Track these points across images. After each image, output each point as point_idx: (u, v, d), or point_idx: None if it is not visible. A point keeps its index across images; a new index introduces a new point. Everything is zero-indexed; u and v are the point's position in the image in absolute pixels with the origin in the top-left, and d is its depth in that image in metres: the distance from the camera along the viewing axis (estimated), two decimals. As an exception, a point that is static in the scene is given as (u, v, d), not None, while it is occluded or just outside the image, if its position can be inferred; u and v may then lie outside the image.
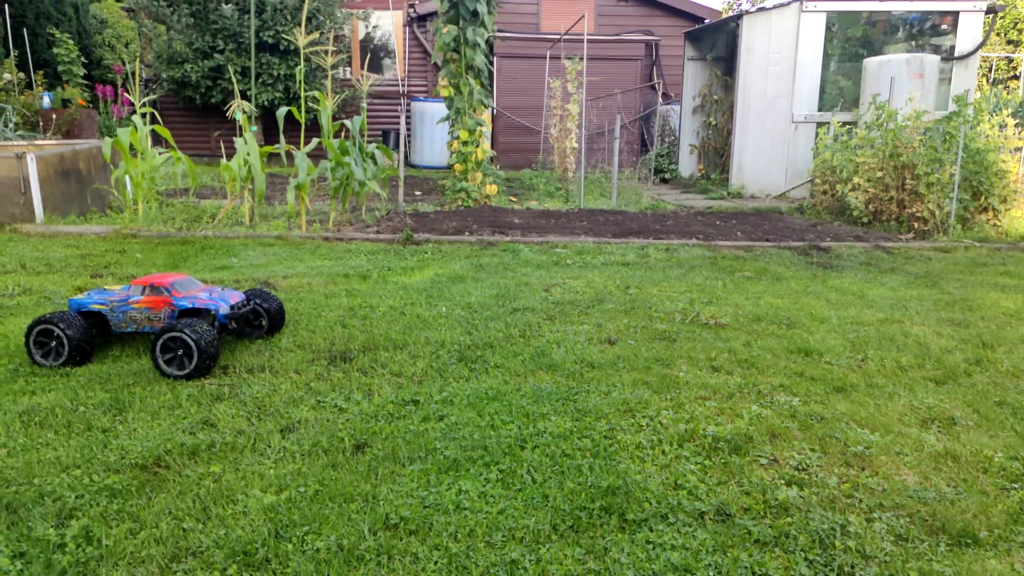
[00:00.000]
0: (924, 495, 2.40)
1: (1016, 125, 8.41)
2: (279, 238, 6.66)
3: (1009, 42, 20.69)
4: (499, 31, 14.47)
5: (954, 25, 10.96)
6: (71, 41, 12.32)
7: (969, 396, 3.27)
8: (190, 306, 3.58)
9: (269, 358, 3.58)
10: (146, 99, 7.66)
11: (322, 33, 12.79)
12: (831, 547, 2.13)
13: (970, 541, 2.17)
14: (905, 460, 2.66)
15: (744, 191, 11.13)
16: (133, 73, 7.65)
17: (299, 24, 8.95)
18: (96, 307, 3.61)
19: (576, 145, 10.84)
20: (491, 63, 14.45)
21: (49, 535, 2.09)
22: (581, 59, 10.38)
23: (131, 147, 6.98)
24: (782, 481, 2.50)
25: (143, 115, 7.21)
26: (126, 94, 11.18)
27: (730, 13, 22.09)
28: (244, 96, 12.41)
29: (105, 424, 2.82)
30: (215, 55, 13.25)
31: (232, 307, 3.68)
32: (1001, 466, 2.63)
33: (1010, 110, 8.99)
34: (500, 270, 5.72)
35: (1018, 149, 8.16)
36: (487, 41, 10.14)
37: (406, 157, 15.37)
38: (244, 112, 7.08)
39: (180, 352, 3.30)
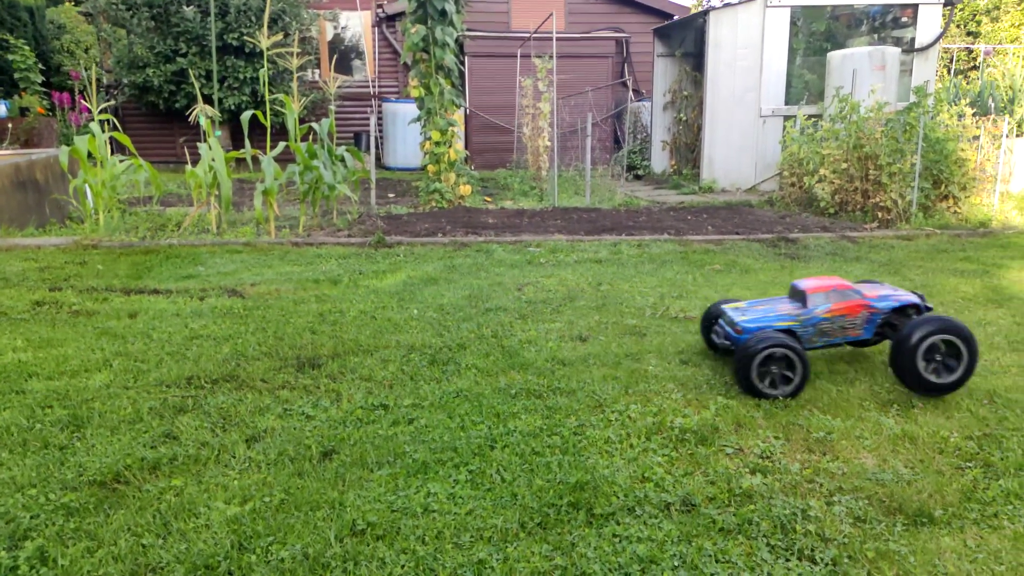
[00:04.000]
0: (882, 477, 2.45)
1: (974, 114, 8.59)
2: (247, 245, 6.59)
3: (969, 33, 21.12)
4: (469, 30, 14.45)
5: (914, 18, 11.17)
6: (27, 47, 12.06)
7: (929, 380, 3.34)
8: (896, 304, 3.22)
9: (235, 367, 3.54)
10: (104, 105, 7.53)
11: (288, 35, 12.67)
12: (792, 532, 2.16)
13: (925, 520, 2.22)
14: (865, 444, 2.71)
15: (715, 185, 11.24)
16: (92, 79, 7.52)
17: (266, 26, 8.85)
18: (785, 324, 3.21)
19: (549, 143, 10.87)
20: (462, 63, 14.43)
21: (1, 558, 2.05)
22: (551, 57, 10.41)
23: (90, 155, 6.85)
24: (746, 469, 2.53)
25: (101, 122, 7.09)
26: (83, 101, 10.97)
27: (698, 9, 22.28)
28: (208, 100, 12.26)
29: (62, 441, 2.77)
30: (178, 59, 13.05)
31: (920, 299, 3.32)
32: (956, 446, 2.69)
33: (968, 100, 9.19)
34: (473, 271, 5.72)
35: (976, 138, 8.34)
36: (457, 40, 10.12)
37: (378, 159, 15.28)
38: (207, 116, 6.99)
39: (940, 357, 2.96)
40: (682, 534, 2.16)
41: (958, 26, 20.67)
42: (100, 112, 7.22)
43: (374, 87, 15.85)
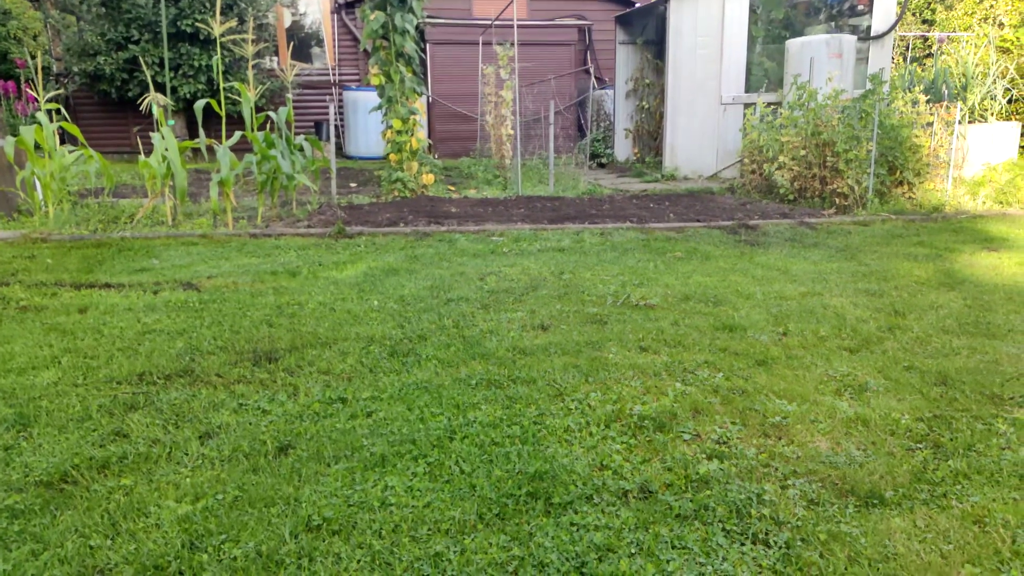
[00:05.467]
0: (835, 460, 2.50)
1: (928, 101, 8.79)
2: (204, 236, 6.43)
3: (924, 21, 21.55)
4: (429, 17, 14.28)
5: (870, 6, 11.35)
6: (-30, 35, 11.57)
7: (880, 362, 3.42)
8: None
9: (189, 362, 3.46)
10: (53, 94, 7.27)
11: (243, 21, 12.36)
12: (747, 516, 2.19)
13: (876, 501, 2.26)
14: (819, 427, 2.76)
15: (677, 173, 11.32)
16: (38, 67, 7.24)
17: (219, 12, 8.61)
18: None
19: (512, 132, 10.82)
20: (423, 50, 14.26)
21: (-59, 563, 1.97)
22: (513, 45, 10.34)
23: (37, 146, 6.61)
24: (703, 455, 2.56)
25: (49, 111, 6.84)
26: (30, 90, 10.59)
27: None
28: (162, 88, 11.92)
29: (8, 441, 2.67)
30: (130, 46, 12.66)
31: None
32: (907, 428, 2.76)
33: (922, 87, 9.40)
34: (436, 261, 5.67)
35: (929, 124, 8.54)
36: (417, 27, 9.98)
37: (340, 148, 15.07)
38: (160, 105, 6.79)
39: None
40: (639, 521, 2.17)
41: (913, 14, 21.08)
42: (48, 101, 6.97)
43: (334, 75, 15.59)
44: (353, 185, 10.41)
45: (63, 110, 7.95)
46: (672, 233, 6.83)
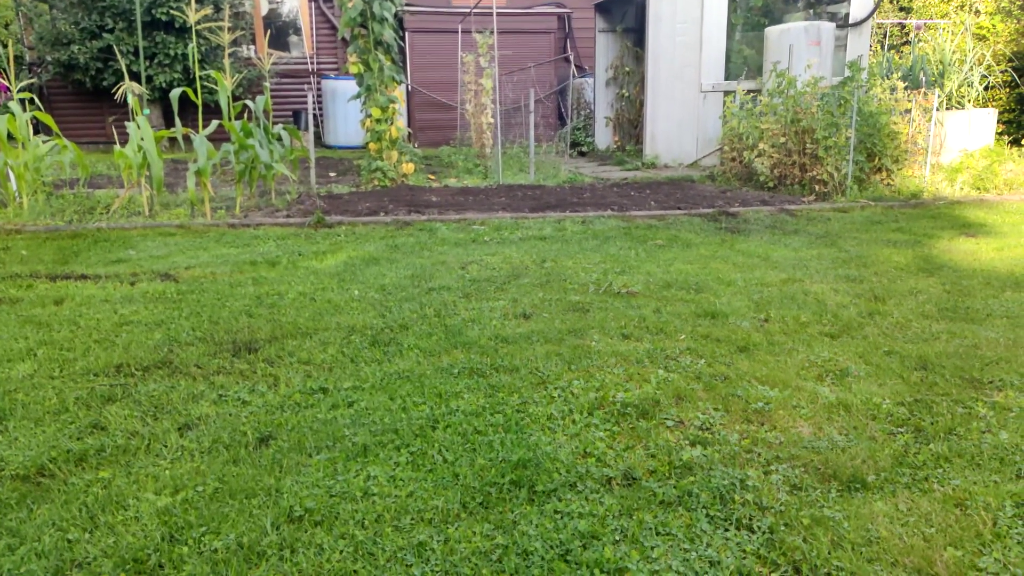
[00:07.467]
0: (817, 445, 2.52)
1: (906, 88, 8.86)
2: (181, 227, 6.34)
3: (901, 8, 21.67)
4: (408, 5, 14.14)
5: (848, -7, 11.39)
6: (-62, 22, 11.27)
7: (861, 348, 3.45)
8: None
9: (168, 353, 3.41)
10: (27, 83, 7.11)
11: (219, 9, 12.15)
12: (731, 502, 2.20)
13: (859, 485, 2.28)
14: (801, 413, 2.78)
15: (658, 161, 11.33)
16: (10, 56, 7.08)
17: None
18: None
19: (492, 120, 10.76)
20: (403, 38, 14.12)
21: (-89, 561, 1.93)
22: (492, 32, 10.26)
23: (10, 136, 6.46)
24: (686, 442, 2.56)
25: (22, 101, 6.68)
26: (2, 79, 10.35)
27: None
28: (137, 78, 11.71)
29: (-20, 436, 2.62)
30: (104, 35, 12.40)
31: None
32: (888, 412, 2.79)
33: (900, 74, 9.47)
34: (416, 250, 5.63)
35: (908, 111, 8.61)
36: (396, 15, 9.88)
37: (319, 137, 14.90)
38: (135, 94, 6.66)
39: None
40: (623, 508, 2.17)
41: (891, 1, 21.21)
42: (21, 90, 6.81)
43: (312, 64, 15.40)
44: (332, 174, 10.31)
45: (36, 100, 7.76)
46: (653, 221, 6.84)
